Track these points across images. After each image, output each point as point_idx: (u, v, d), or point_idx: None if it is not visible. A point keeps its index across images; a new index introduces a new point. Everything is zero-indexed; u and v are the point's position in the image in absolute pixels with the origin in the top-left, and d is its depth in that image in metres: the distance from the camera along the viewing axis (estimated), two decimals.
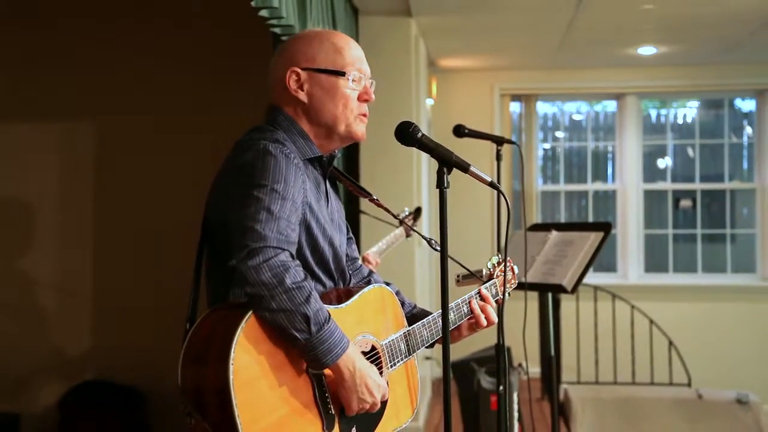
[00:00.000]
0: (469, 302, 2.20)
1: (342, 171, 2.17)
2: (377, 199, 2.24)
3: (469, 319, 2.21)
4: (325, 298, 1.89)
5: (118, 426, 5.42)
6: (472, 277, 2.31)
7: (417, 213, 3.68)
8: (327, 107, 1.98)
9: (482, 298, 2.23)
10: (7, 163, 5.69)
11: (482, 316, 2.20)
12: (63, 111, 5.69)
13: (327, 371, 1.79)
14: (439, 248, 2.00)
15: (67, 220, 5.79)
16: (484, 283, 2.30)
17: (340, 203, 2.16)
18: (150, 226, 5.49)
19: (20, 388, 5.55)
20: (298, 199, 1.84)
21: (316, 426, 1.77)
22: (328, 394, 1.80)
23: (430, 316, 2.12)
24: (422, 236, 2.35)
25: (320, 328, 1.71)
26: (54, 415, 5.40)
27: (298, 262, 1.80)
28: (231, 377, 1.60)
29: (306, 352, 1.73)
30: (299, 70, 1.97)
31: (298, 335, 1.70)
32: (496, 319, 2.23)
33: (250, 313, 1.70)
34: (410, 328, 2.06)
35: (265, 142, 1.85)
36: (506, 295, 2.39)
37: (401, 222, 3.33)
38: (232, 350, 1.63)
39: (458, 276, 2.30)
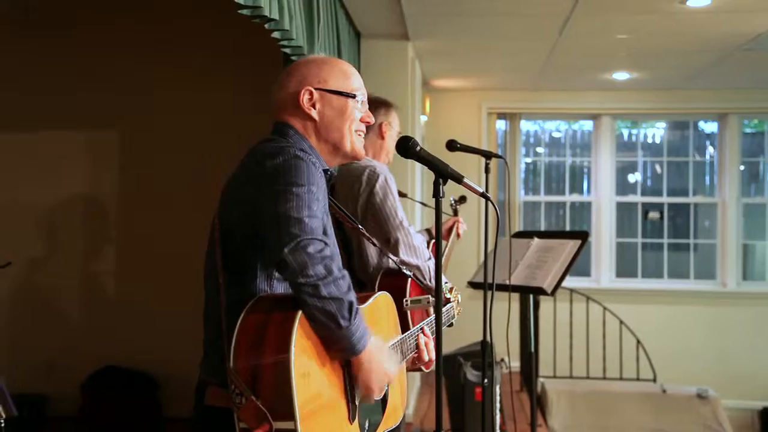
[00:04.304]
0: (417, 337, 2.07)
1: (330, 197, 2.06)
2: (362, 229, 2.17)
3: (413, 353, 2.07)
4: None
5: (134, 408, 5.38)
6: (419, 303, 2.18)
7: (461, 200, 3.77)
8: (336, 125, 1.93)
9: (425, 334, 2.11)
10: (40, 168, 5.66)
11: (425, 351, 2.07)
12: (89, 120, 5.67)
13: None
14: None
15: (92, 221, 5.76)
16: (446, 304, 2.27)
17: None
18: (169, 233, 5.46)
19: (47, 372, 5.51)
20: (324, 203, 1.78)
21: (344, 414, 1.73)
22: (355, 385, 1.75)
23: (413, 329, 2.07)
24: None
25: (355, 316, 1.65)
26: (77, 397, 5.35)
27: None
28: (293, 358, 1.56)
29: (344, 339, 1.65)
30: (312, 89, 1.91)
31: (342, 322, 1.62)
32: (434, 357, 2.04)
33: None
34: (403, 336, 2.01)
35: (293, 149, 1.79)
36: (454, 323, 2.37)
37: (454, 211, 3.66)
38: (293, 335, 1.58)
39: (406, 301, 2.20)
